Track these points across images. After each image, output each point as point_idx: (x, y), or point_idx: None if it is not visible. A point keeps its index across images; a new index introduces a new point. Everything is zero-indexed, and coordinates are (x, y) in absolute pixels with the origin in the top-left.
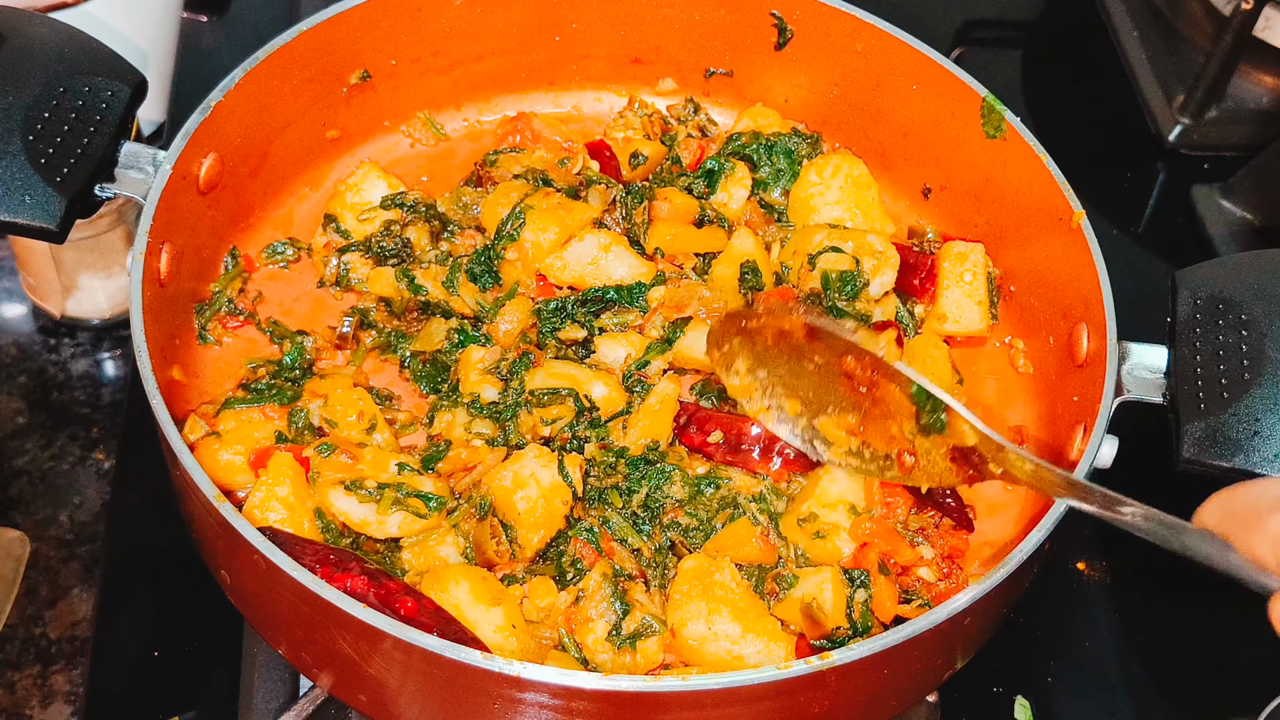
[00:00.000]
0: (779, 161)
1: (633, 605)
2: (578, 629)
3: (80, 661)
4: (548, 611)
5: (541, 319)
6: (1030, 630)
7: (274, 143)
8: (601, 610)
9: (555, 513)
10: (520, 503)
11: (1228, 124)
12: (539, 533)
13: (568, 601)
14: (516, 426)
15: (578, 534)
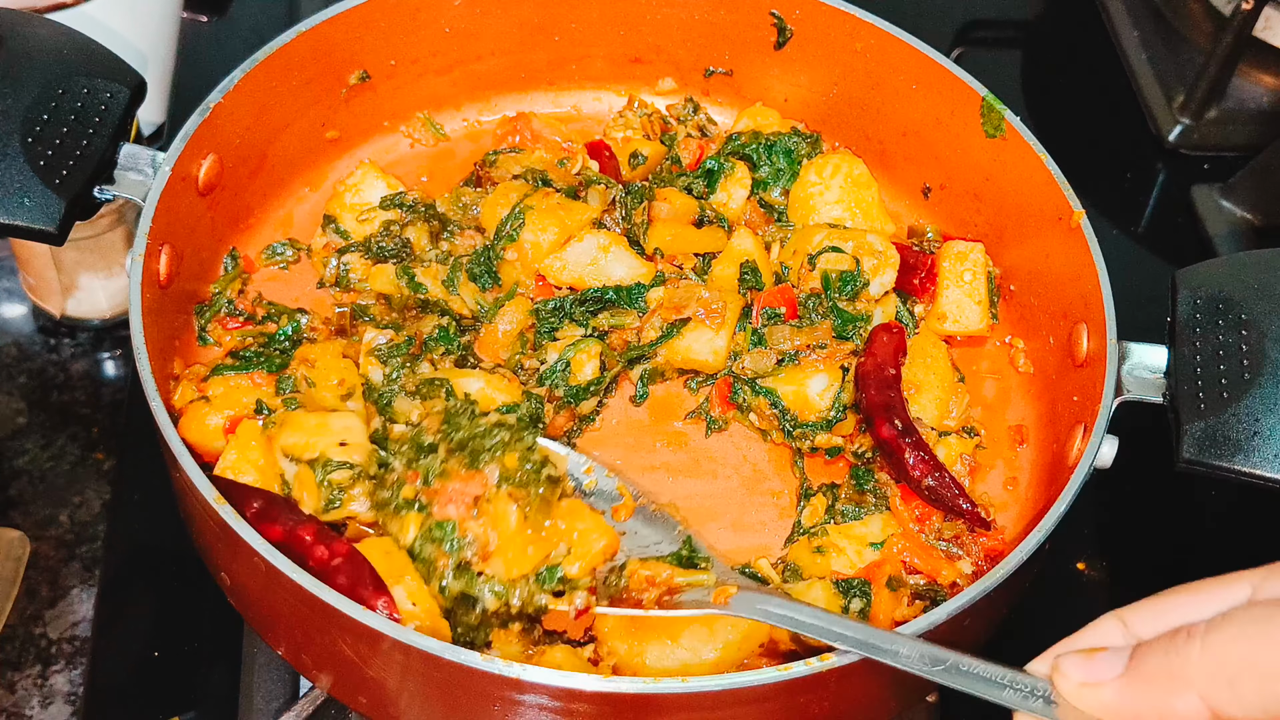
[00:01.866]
0: (779, 161)
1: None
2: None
3: (80, 662)
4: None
5: (540, 319)
6: (1030, 630)
7: (273, 143)
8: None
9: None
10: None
11: (1228, 124)
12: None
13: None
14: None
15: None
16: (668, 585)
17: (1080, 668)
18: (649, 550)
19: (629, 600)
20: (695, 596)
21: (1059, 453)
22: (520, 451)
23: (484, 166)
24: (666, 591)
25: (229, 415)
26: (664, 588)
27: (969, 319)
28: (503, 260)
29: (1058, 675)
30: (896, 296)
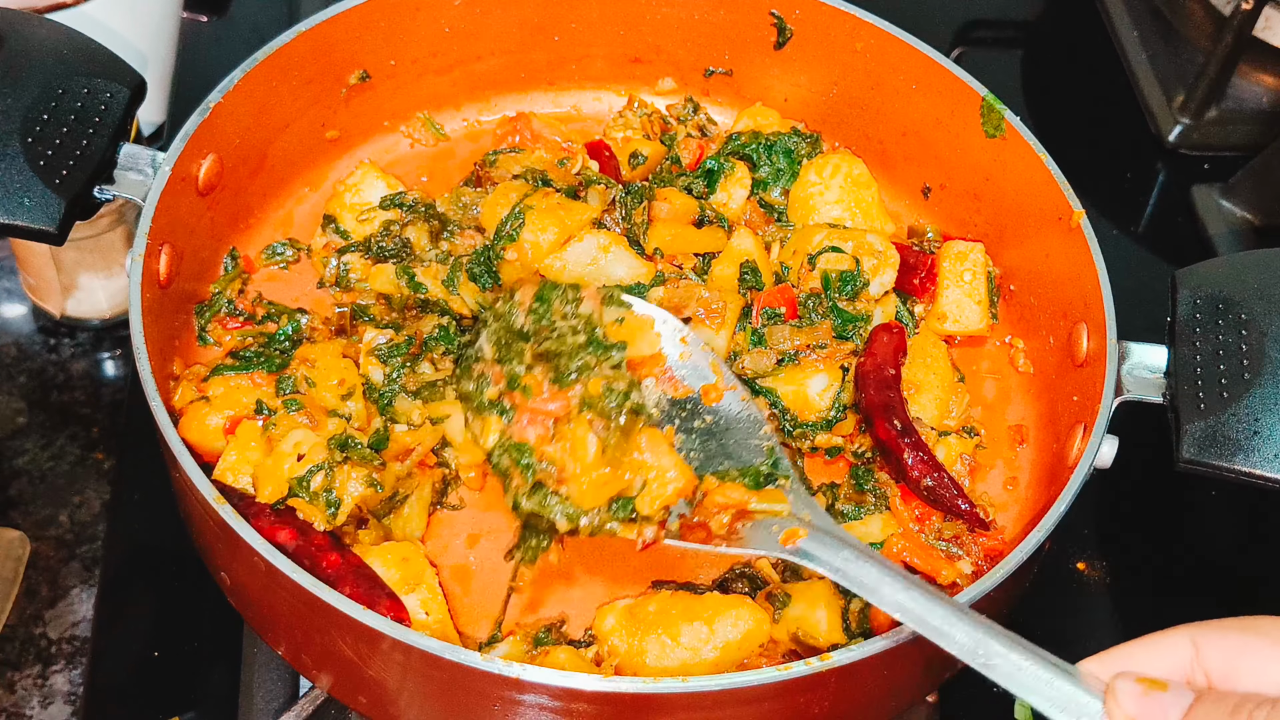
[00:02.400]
0: (779, 161)
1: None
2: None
3: (80, 661)
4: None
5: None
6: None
7: (273, 143)
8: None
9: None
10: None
11: (1228, 124)
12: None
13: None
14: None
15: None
16: (739, 508)
17: (1136, 701)
18: (728, 451)
19: (698, 529)
20: (763, 534)
21: (1059, 452)
22: (606, 378)
23: (484, 166)
24: (737, 516)
25: (229, 415)
26: (734, 511)
27: (969, 319)
28: (503, 260)
29: (1111, 698)
30: (896, 296)
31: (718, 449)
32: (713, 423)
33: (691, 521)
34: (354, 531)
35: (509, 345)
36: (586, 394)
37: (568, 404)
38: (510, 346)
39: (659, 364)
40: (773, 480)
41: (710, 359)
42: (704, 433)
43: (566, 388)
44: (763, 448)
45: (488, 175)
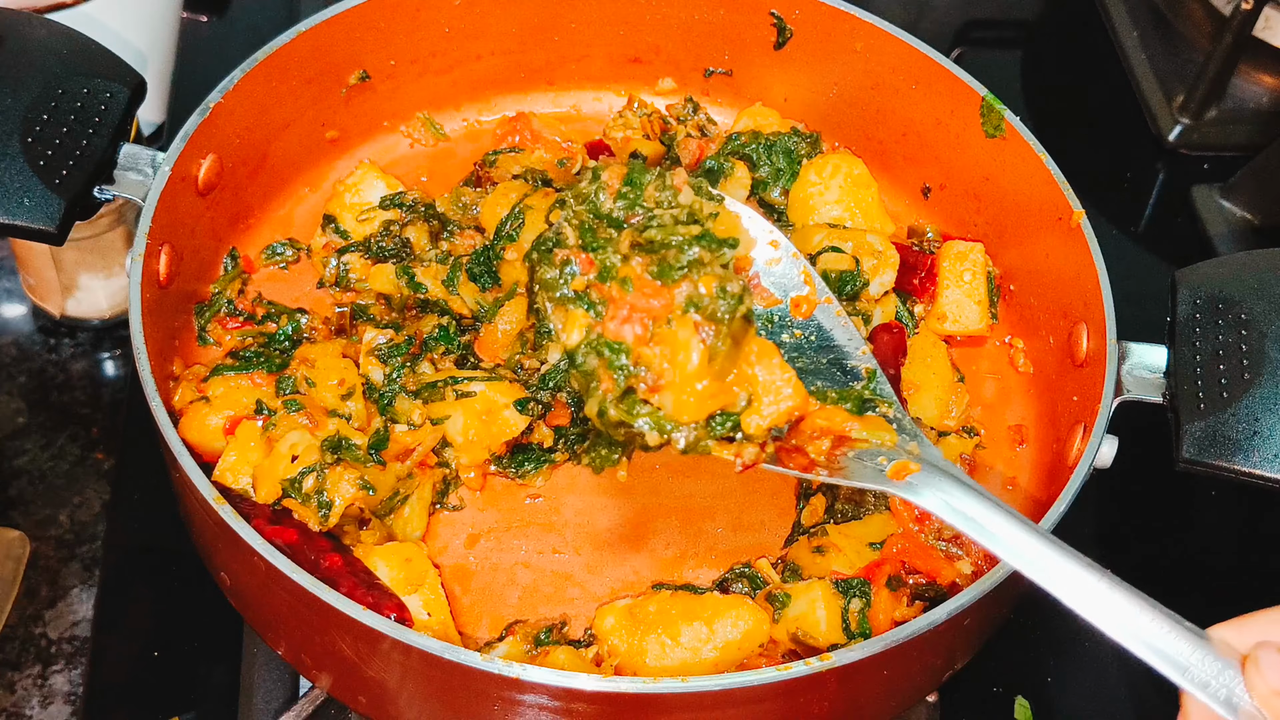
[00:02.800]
0: (778, 161)
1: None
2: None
3: (80, 662)
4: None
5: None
6: (1030, 630)
7: (273, 143)
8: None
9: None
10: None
11: (1228, 124)
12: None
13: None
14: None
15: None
16: (839, 434)
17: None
18: (820, 370)
19: (797, 454)
20: (868, 466)
21: (1059, 453)
22: (719, 276)
23: (484, 166)
24: (836, 443)
25: (229, 416)
26: (834, 437)
27: (969, 319)
28: (503, 260)
29: (1254, 668)
30: (896, 296)
31: (809, 366)
32: (802, 338)
33: (789, 445)
34: (355, 531)
35: (595, 231)
36: (695, 293)
37: (671, 302)
38: (597, 233)
39: (746, 268)
40: (872, 407)
41: (802, 266)
42: (793, 348)
43: (672, 285)
44: (860, 369)
45: (488, 175)
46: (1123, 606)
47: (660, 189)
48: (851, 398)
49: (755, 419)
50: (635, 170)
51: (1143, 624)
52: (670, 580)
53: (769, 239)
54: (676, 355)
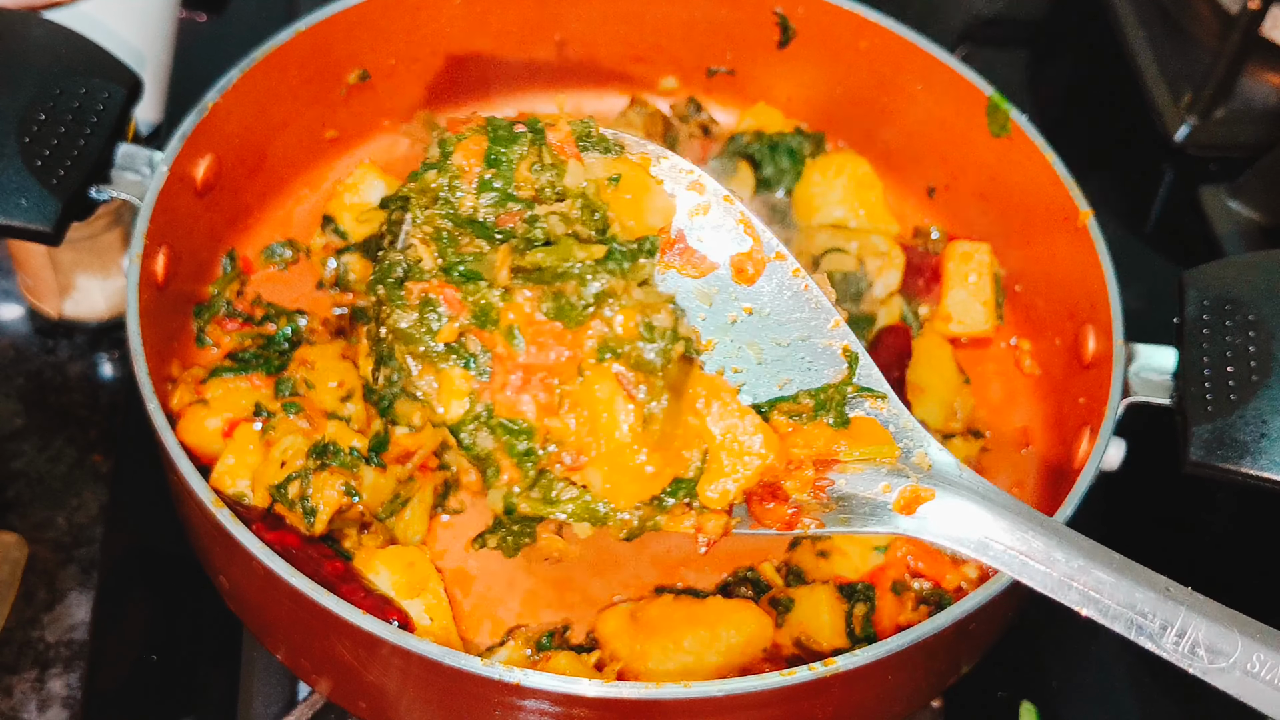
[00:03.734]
0: (782, 161)
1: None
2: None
3: (78, 665)
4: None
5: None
6: (1035, 635)
7: (272, 143)
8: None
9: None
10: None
11: (1235, 123)
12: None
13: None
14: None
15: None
16: (823, 459)
17: None
18: (780, 358)
19: (775, 503)
20: (870, 496)
21: (1065, 455)
22: (641, 305)
23: None
24: (822, 468)
25: (227, 418)
26: (821, 468)
27: (974, 320)
28: None
29: None
30: (901, 298)
31: (768, 355)
32: (753, 313)
33: (761, 487)
34: (356, 535)
35: (457, 243)
36: (611, 335)
37: (580, 351)
38: (461, 248)
39: (676, 242)
40: (860, 404)
41: (738, 212)
42: (743, 331)
43: (577, 325)
44: (835, 349)
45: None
46: (1217, 649)
47: (539, 167)
48: (831, 399)
49: (716, 487)
50: (499, 139)
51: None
52: (673, 584)
53: (689, 181)
54: (598, 421)
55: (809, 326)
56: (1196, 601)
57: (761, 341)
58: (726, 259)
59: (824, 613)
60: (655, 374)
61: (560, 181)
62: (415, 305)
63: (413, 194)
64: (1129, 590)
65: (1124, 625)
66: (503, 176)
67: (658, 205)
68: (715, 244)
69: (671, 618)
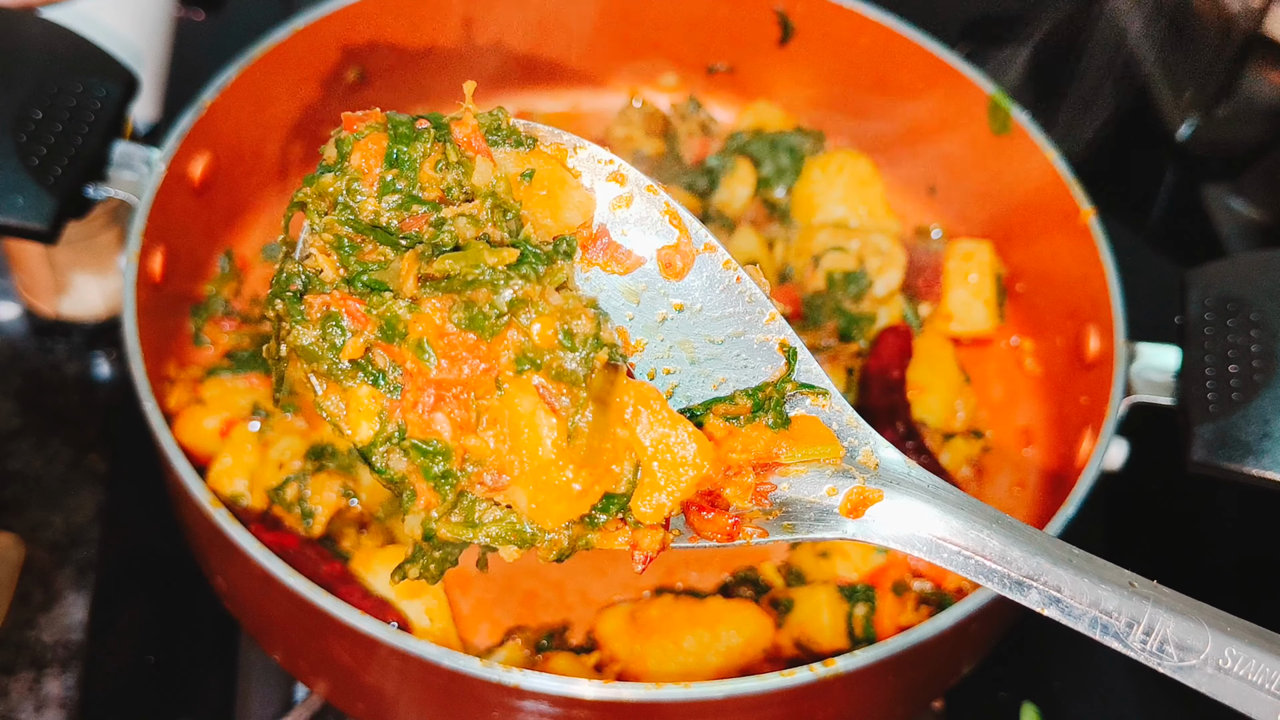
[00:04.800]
0: (782, 159)
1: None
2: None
3: (74, 666)
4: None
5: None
6: (1037, 636)
7: (269, 142)
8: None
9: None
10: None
11: (1237, 122)
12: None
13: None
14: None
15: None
16: (763, 462)
17: None
18: (714, 355)
19: (713, 513)
20: (815, 500)
21: (1067, 455)
22: (559, 311)
23: None
24: (763, 472)
25: (224, 418)
26: (762, 472)
27: (975, 319)
28: None
29: None
30: (902, 297)
31: (702, 354)
32: (684, 310)
33: (699, 497)
34: (356, 535)
35: (360, 250)
36: (529, 344)
37: (496, 362)
38: (364, 258)
39: (599, 237)
40: (800, 401)
41: (663, 203)
42: (674, 329)
43: (491, 336)
44: (771, 345)
45: None
46: (1186, 645)
47: (444, 165)
48: (769, 398)
49: (650, 501)
50: (400, 137)
51: (1226, 660)
52: (673, 585)
53: (609, 172)
54: (519, 437)
55: (743, 322)
56: (1163, 596)
57: (694, 339)
58: (653, 253)
59: (824, 614)
60: (578, 384)
61: (468, 180)
62: (317, 320)
63: (309, 199)
64: (1091, 588)
65: (1088, 625)
66: (405, 177)
67: (575, 200)
68: (640, 238)
69: (671, 618)
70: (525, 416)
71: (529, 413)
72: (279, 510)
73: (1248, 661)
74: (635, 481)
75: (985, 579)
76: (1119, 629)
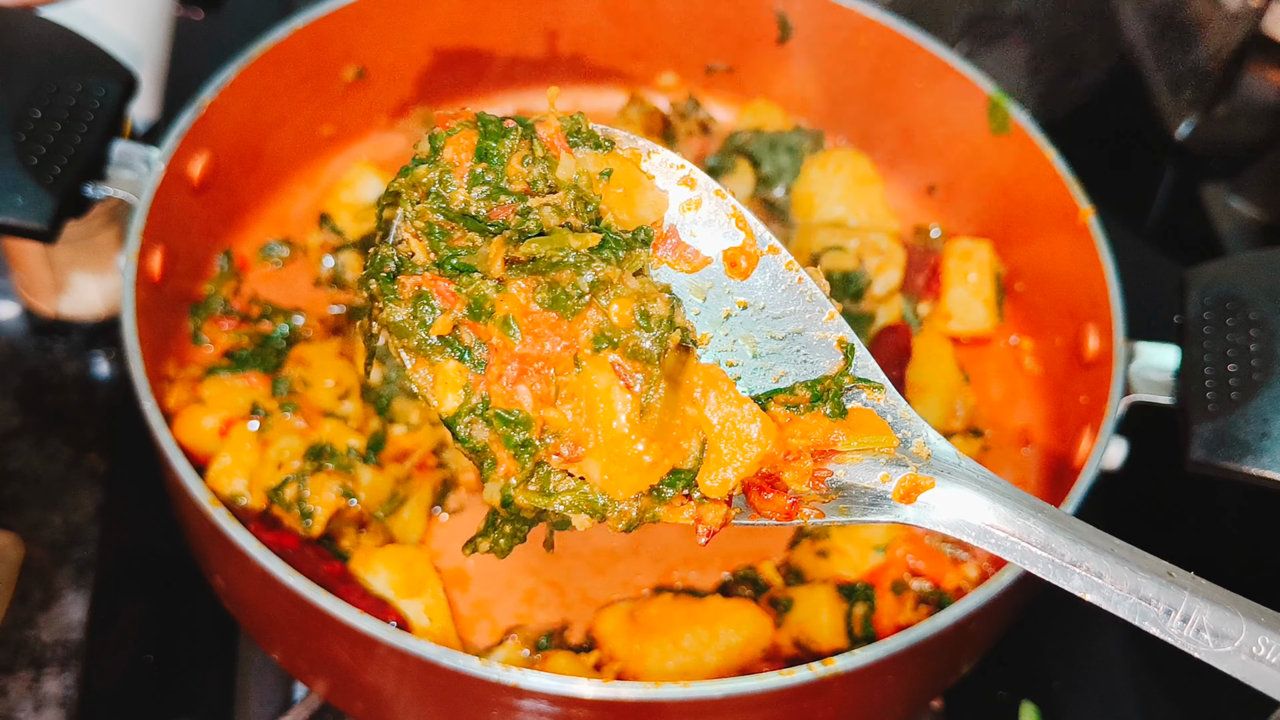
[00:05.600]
0: (781, 158)
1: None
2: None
3: (73, 666)
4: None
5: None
6: (1036, 635)
7: (268, 141)
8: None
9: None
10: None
11: (1237, 121)
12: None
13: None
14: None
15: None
16: (821, 449)
17: None
18: (775, 350)
19: (774, 494)
20: (869, 486)
21: (1066, 454)
22: (636, 294)
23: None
24: (821, 459)
25: (224, 417)
26: (819, 459)
27: (975, 318)
28: None
29: None
30: (901, 296)
31: (764, 349)
32: (748, 307)
33: (760, 478)
34: (355, 535)
35: (451, 239)
36: (608, 324)
37: (576, 340)
38: (454, 243)
39: (659, 223)
40: (856, 395)
41: (730, 207)
42: (739, 326)
43: (573, 315)
44: (830, 341)
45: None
46: (1223, 633)
47: (530, 161)
48: (828, 390)
49: (716, 476)
50: (489, 134)
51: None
52: (672, 584)
53: (680, 176)
54: (595, 411)
55: (804, 319)
56: (1200, 586)
57: (756, 335)
58: (719, 253)
59: (823, 613)
60: (652, 363)
61: (552, 174)
62: (409, 299)
63: (403, 189)
64: (1132, 575)
65: (1128, 611)
66: (494, 170)
67: (649, 199)
68: (708, 238)
69: (670, 617)
70: (601, 392)
71: (605, 388)
72: (278, 510)
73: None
74: (701, 458)
75: (1031, 564)
76: (1157, 615)
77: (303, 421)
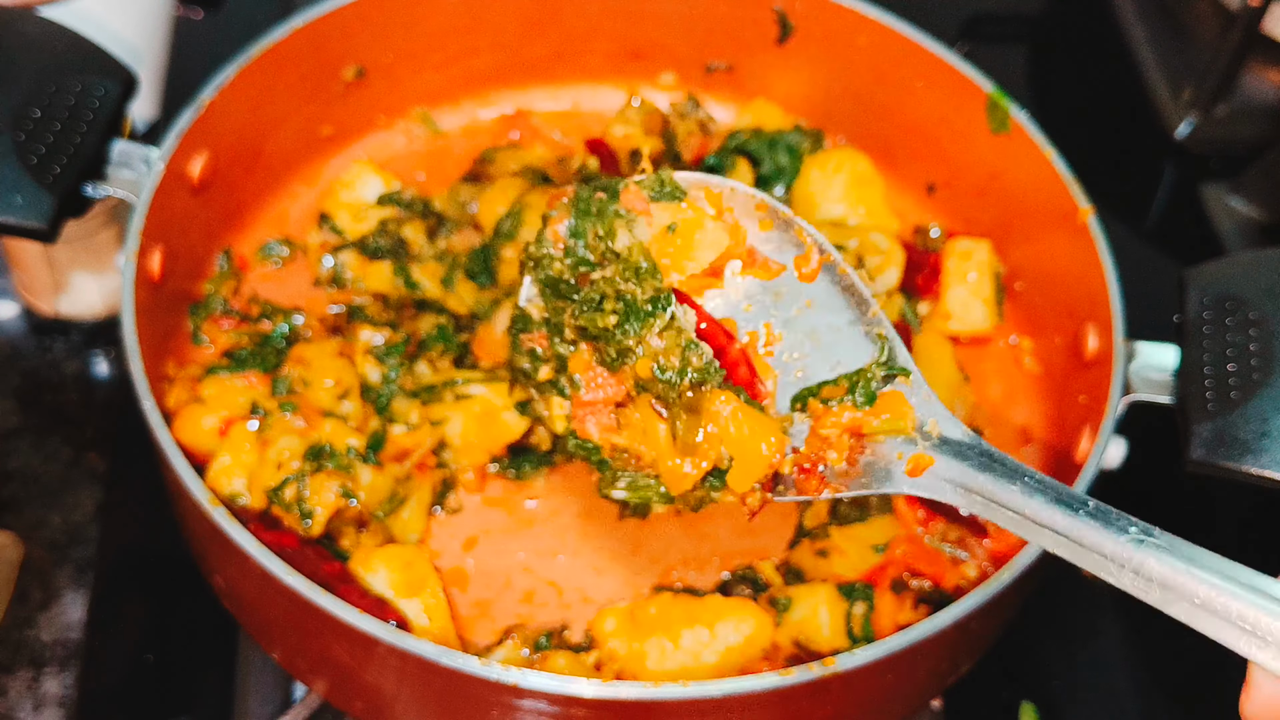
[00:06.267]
0: (781, 158)
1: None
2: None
3: (73, 665)
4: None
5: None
6: (1036, 634)
7: (268, 140)
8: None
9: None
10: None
11: (1236, 120)
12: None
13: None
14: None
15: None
16: (854, 431)
17: None
18: (829, 344)
19: (810, 475)
20: (886, 467)
21: (1066, 454)
22: (653, 355)
23: (482, 163)
24: (854, 443)
25: (223, 416)
26: (850, 435)
27: (974, 318)
28: (500, 259)
29: None
30: (901, 295)
31: (830, 339)
32: (814, 306)
33: (803, 464)
34: (355, 534)
35: (549, 303)
36: (639, 377)
37: (625, 386)
38: (552, 306)
39: (741, 244)
40: (890, 380)
41: (796, 224)
42: (801, 321)
43: (614, 371)
44: (873, 335)
45: (485, 172)
46: (1172, 582)
47: (603, 229)
48: (865, 381)
49: (739, 478)
50: (580, 209)
51: (1201, 596)
52: (671, 583)
53: (755, 203)
54: (644, 436)
55: (854, 314)
56: (1159, 541)
57: (820, 329)
58: (791, 261)
59: (823, 612)
60: (674, 404)
61: (613, 241)
62: (527, 353)
63: (532, 253)
64: (1095, 532)
65: (1092, 565)
66: (580, 240)
67: (708, 241)
68: (780, 251)
69: (670, 617)
70: (643, 423)
71: (647, 423)
72: (278, 510)
73: (1217, 599)
74: (729, 462)
75: (1008, 524)
76: (1112, 570)
77: (302, 421)
